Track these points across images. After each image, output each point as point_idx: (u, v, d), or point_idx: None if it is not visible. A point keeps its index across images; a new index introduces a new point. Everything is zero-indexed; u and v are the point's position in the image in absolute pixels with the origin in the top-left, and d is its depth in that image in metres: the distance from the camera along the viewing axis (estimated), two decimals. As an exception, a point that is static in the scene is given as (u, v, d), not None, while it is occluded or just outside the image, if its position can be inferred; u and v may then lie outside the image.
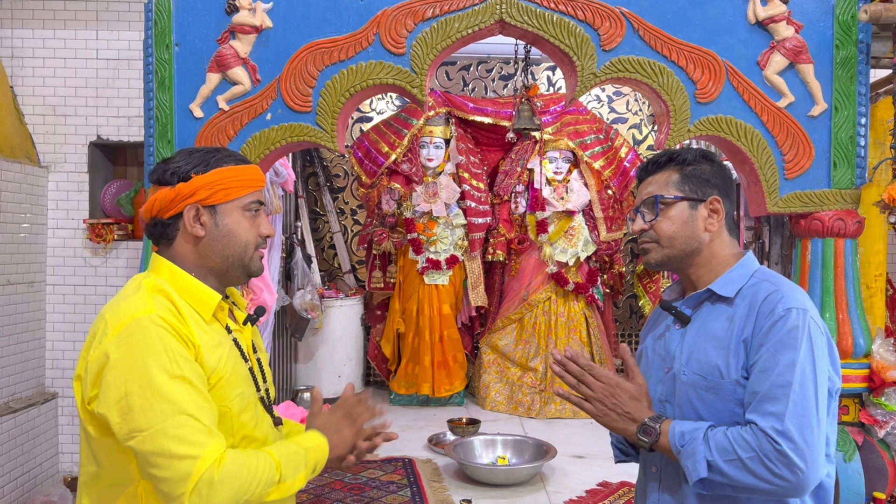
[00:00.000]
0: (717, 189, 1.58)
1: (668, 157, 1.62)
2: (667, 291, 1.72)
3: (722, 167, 1.62)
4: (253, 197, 1.53)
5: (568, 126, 5.33)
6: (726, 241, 1.60)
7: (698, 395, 1.50)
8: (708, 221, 1.57)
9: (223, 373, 1.43)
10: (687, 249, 1.57)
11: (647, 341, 1.71)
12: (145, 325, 1.34)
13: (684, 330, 1.58)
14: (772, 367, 1.39)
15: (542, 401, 5.12)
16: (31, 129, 4.29)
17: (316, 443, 1.51)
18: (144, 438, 1.30)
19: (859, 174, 2.78)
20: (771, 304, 1.44)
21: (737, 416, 1.44)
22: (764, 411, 1.37)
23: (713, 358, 1.48)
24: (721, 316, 1.52)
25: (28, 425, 4.00)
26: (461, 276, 5.52)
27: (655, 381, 1.61)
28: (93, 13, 4.32)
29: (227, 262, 1.50)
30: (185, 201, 1.46)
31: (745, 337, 1.46)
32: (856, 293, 2.78)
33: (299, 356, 5.47)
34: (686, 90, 2.77)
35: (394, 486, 3.69)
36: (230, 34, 2.80)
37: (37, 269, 4.22)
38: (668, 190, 1.58)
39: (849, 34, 2.75)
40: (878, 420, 2.71)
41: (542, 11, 2.77)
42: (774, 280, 1.52)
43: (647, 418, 1.50)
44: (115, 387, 1.31)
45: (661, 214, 1.58)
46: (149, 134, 2.85)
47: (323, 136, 2.82)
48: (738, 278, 1.54)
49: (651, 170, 1.64)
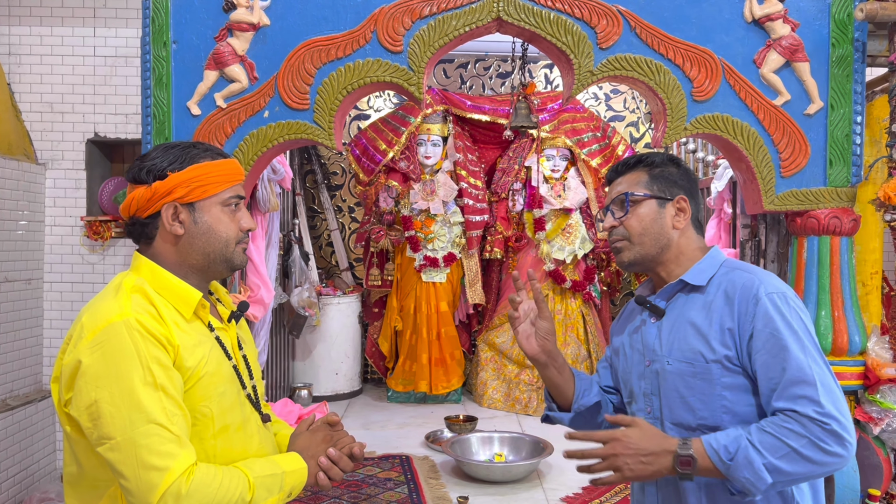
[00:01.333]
0: (683, 190, 1.65)
1: (638, 159, 1.69)
2: (639, 289, 1.76)
3: (688, 170, 1.70)
4: (232, 192, 1.51)
5: (565, 124, 5.33)
6: (693, 237, 1.66)
7: (685, 383, 1.53)
8: (675, 219, 1.63)
9: (203, 372, 1.41)
10: (657, 246, 1.63)
11: (622, 337, 1.75)
12: (119, 331, 1.32)
13: (660, 323, 1.62)
14: (781, 352, 1.42)
15: (539, 398, 5.13)
16: (28, 127, 4.29)
17: (296, 467, 1.49)
18: (113, 446, 1.29)
19: (855, 172, 2.79)
20: (750, 289, 1.49)
21: (723, 399, 1.49)
22: (795, 396, 1.40)
23: (695, 344, 1.53)
24: (696, 304, 1.57)
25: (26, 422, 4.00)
26: (459, 273, 5.53)
27: (637, 377, 1.66)
28: (90, 10, 4.31)
29: (209, 259, 1.49)
30: (161, 200, 1.44)
31: (729, 326, 1.50)
32: (851, 291, 2.79)
33: (297, 353, 5.48)
34: (683, 88, 2.78)
35: (391, 483, 3.70)
36: (228, 31, 2.80)
37: (34, 267, 4.22)
38: (638, 189, 1.65)
39: (845, 32, 2.76)
40: (873, 417, 2.72)
41: (539, 9, 2.77)
42: (746, 268, 1.58)
43: (676, 448, 1.43)
44: (86, 393, 1.30)
45: (630, 212, 1.64)
46: (146, 131, 2.85)
47: (320, 133, 2.83)
48: (708, 268, 1.60)
49: (621, 171, 1.71)
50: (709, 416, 1.51)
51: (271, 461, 1.48)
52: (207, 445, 1.42)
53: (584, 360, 5.20)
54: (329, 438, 1.58)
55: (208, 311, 1.51)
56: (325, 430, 1.60)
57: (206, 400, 1.41)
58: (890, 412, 2.68)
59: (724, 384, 1.49)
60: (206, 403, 1.41)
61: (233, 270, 1.54)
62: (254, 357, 1.63)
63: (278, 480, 1.43)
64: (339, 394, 5.50)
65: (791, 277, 2.90)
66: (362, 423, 4.88)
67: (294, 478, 1.47)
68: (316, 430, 1.60)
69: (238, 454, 1.47)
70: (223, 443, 1.45)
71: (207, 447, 1.42)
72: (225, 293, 1.67)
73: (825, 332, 2.75)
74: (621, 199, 1.66)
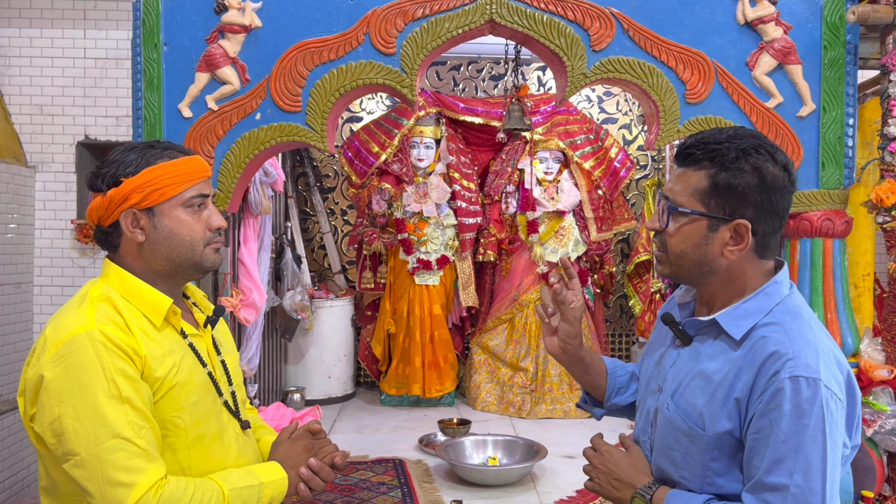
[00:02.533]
0: (752, 208, 1.26)
1: (708, 152, 1.28)
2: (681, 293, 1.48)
3: (766, 178, 1.26)
4: (193, 191, 1.43)
5: (558, 126, 5.34)
6: (752, 265, 1.31)
7: (675, 438, 1.32)
8: (727, 248, 1.28)
9: (174, 382, 1.35)
10: (697, 272, 1.33)
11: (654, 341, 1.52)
12: (82, 343, 1.28)
13: (682, 351, 1.37)
14: (770, 447, 1.19)
15: (533, 401, 5.13)
16: (17, 129, 4.26)
17: (275, 478, 1.45)
18: (77, 462, 1.25)
19: (847, 174, 2.80)
20: (775, 363, 1.21)
21: (708, 471, 1.28)
22: (761, 499, 1.19)
23: (699, 403, 1.29)
24: (720, 353, 1.30)
25: (15, 427, 3.96)
26: (452, 276, 5.52)
27: (647, 394, 1.47)
28: (80, 11, 4.29)
29: (174, 264, 1.43)
30: (119, 207, 1.38)
31: (738, 396, 1.24)
32: (844, 293, 2.80)
33: (289, 357, 5.46)
34: (676, 91, 2.78)
35: (384, 487, 3.69)
36: (219, 33, 2.79)
37: (24, 271, 4.18)
38: (690, 199, 1.29)
39: (837, 35, 2.77)
40: (865, 419, 2.72)
41: (532, 12, 2.77)
42: (790, 326, 1.25)
43: (640, 486, 1.36)
44: (49, 408, 1.26)
45: (673, 221, 1.31)
46: (137, 134, 2.83)
47: (312, 136, 2.82)
48: (755, 312, 1.28)
49: (684, 161, 1.33)
50: (691, 478, 1.31)
51: (248, 472, 1.43)
52: (181, 457, 1.38)
53: (578, 362, 5.21)
54: (311, 447, 1.55)
55: (180, 317, 1.45)
56: (307, 439, 1.57)
57: (178, 410, 1.36)
58: (882, 414, 2.69)
59: (715, 457, 1.27)
60: (177, 414, 1.36)
61: (204, 273, 1.48)
62: (234, 362, 1.58)
63: (256, 492, 1.40)
64: (332, 397, 5.48)
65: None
66: (355, 427, 4.86)
67: (273, 489, 1.43)
68: (297, 439, 1.57)
69: (215, 464, 1.43)
70: (198, 453, 1.40)
71: (181, 458, 1.38)
72: (203, 296, 1.61)
73: (818, 335, 2.75)
74: (664, 207, 1.33)
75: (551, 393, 5.13)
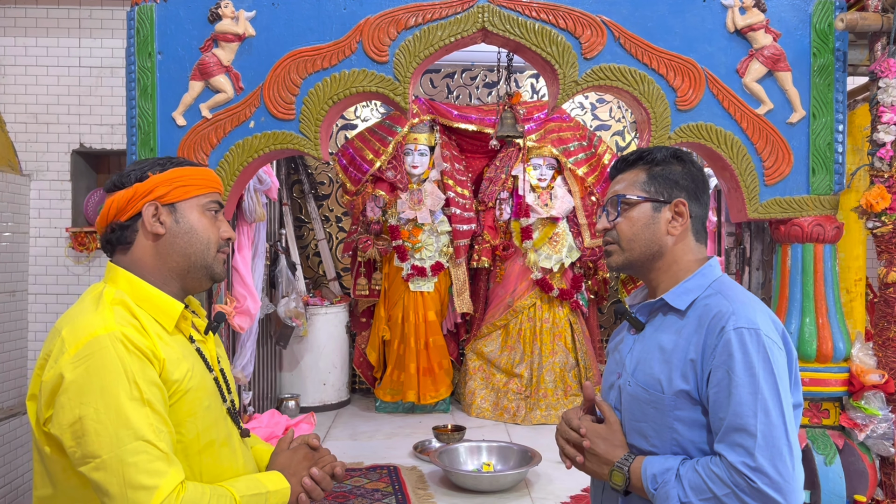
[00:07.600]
0: (684, 191, 1.51)
1: (638, 155, 1.55)
2: (633, 295, 1.65)
3: (693, 169, 1.54)
4: (212, 197, 1.50)
5: (551, 133, 5.36)
6: (691, 246, 1.52)
7: (640, 409, 1.44)
8: (671, 224, 1.50)
9: (189, 386, 1.37)
10: (647, 253, 1.51)
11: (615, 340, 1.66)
12: (104, 344, 1.28)
13: (637, 336, 1.53)
14: (732, 394, 1.31)
15: (528, 407, 5.13)
16: (13, 137, 4.27)
17: (279, 487, 1.46)
18: (98, 465, 1.24)
19: (837, 180, 2.82)
20: (720, 321, 1.36)
21: (675, 433, 1.39)
22: (732, 442, 1.30)
23: (657, 371, 1.42)
24: (671, 328, 1.45)
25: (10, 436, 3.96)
26: (446, 282, 5.53)
27: (608, 386, 1.58)
28: (75, 21, 4.31)
29: (189, 261, 1.46)
30: (142, 200, 1.42)
31: (692, 357, 1.38)
32: (835, 298, 2.81)
33: (284, 364, 5.46)
34: (666, 98, 2.80)
35: (379, 494, 3.69)
36: (213, 42, 2.80)
37: (19, 279, 4.18)
38: (633, 190, 1.52)
39: (826, 42, 2.80)
40: (858, 423, 2.73)
41: (523, 20, 2.79)
42: (728, 293, 1.43)
43: (617, 460, 1.44)
44: (70, 409, 1.25)
45: (622, 214, 1.52)
46: (131, 142, 2.84)
47: (306, 143, 2.83)
48: (695, 288, 1.47)
49: (620, 168, 1.58)
50: (660, 445, 1.42)
51: (256, 480, 1.45)
52: (193, 462, 1.39)
53: (572, 368, 5.21)
54: (310, 457, 1.57)
55: (189, 323, 1.48)
56: (306, 449, 1.59)
57: (192, 415, 1.38)
58: (874, 418, 2.70)
59: (678, 417, 1.39)
60: (192, 418, 1.38)
61: (213, 280, 1.51)
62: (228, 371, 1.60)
63: (263, 500, 1.41)
64: (327, 404, 5.47)
65: (775, 285, 2.92)
66: (350, 434, 4.85)
67: (277, 498, 1.45)
68: (297, 449, 1.59)
69: (226, 470, 1.45)
70: (209, 458, 1.42)
71: (193, 463, 1.39)
72: (199, 305, 1.63)
73: (809, 339, 2.77)
74: (615, 201, 1.53)
75: (546, 399, 5.13)
